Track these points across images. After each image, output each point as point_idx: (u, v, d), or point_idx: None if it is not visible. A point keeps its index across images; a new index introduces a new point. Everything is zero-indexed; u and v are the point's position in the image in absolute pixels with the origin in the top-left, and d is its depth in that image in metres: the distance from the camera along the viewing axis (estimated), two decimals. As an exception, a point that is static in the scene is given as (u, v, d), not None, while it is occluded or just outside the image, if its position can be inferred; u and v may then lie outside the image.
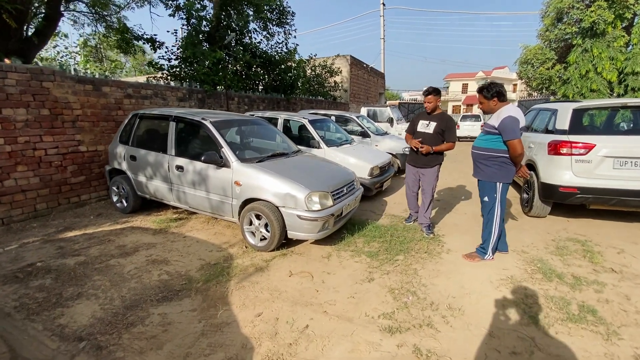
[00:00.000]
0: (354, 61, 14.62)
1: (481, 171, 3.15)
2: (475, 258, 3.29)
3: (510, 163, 3.00)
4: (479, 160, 3.15)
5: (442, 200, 5.62)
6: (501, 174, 3.03)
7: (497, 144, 2.98)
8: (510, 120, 2.84)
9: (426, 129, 3.85)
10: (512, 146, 2.87)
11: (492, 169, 3.05)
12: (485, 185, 3.14)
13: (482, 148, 3.11)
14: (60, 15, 5.78)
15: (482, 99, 3.10)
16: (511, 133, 2.84)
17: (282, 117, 5.97)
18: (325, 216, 3.22)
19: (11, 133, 3.93)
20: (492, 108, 3.06)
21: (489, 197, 3.13)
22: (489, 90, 3.02)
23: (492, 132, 3.00)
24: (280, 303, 2.54)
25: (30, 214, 4.19)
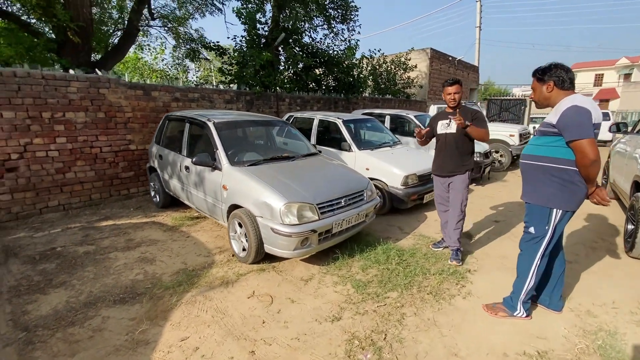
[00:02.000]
0: (435, 54, 13.12)
1: (533, 191, 2.18)
2: (500, 312, 2.35)
3: (578, 180, 2.01)
4: (531, 174, 2.20)
5: (501, 221, 4.40)
6: (562, 197, 2.05)
7: (558, 150, 2.03)
8: (575, 111, 1.89)
9: (447, 129, 3.06)
10: (579, 149, 1.89)
11: (548, 188, 2.08)
12: (535, 210, 2.17)
13: (534, 157, 2.16)
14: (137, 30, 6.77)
15: (535, 84, 2.17)
16: (576, 129, 1.88)
17: (318, 117, 5.61)
18: (302, 232, 2.76)
19: (72, 133, 4.62)
20: (546, 97, 2.12)
21: (537, 229, 2.16)
22: (544, 72, 2.09)
23: (549, 132, 2.05)
24: (215, 329, 2.23)
25: (86, 203, 4.88)
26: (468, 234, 3.94)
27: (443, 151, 3.14)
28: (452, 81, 2.98)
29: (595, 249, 3.52)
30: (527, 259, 2.23)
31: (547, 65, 2.10)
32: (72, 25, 4.72)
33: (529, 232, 2.22)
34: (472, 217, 4.56)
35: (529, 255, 2.22)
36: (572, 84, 2.05)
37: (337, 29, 9.27)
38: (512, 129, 7.80)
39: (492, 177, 7.15)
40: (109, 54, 6.94)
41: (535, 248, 2.18)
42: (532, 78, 2.19)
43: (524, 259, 2.26)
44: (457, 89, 2.97)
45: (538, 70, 2.13)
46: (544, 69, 2.10)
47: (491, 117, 12.09)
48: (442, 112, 3.18)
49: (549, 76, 2.06)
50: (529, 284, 2.22)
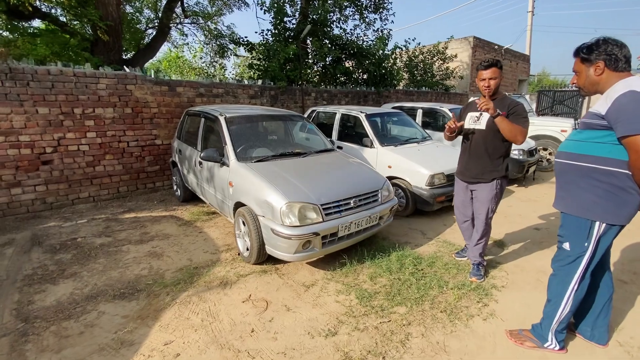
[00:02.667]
0: (478, 43, 12.08)
1: (569, 197, 1.75)
2: (526, 341, 1.97)
3: (631, 186, 1.57)
4: (568, 176, 1.77)
5: (543, 229, 3.84)
6: (608, 207, 1.62)
7: (606, 147, 1.60)
8: (633, 99, 1.46)
9: (476, 123, 2.55)
10: (634, 147, 1.46)
11: (590, 194, 1.66)
12: (571, 222, 1.75)
13: (574, 155, 1.73)
14: (169, 28, 6.97)
15: (578, 65, 1.72)
16: (633, 121, 1.45)
17: (340, 111, 5.34)
18: (303, 234, 2.55)
19: (101, 128, 4.83)
20: (594, 81, 1.66)
21: (573, 246, 1.75)
22: (591, 50, 1.64)
23: (595, 124, 1.63)
24: (201, 335, 2.11)
25: (114, 195, 5.10)
26: (500, 242, 3.47)
27: (468, 151, 2.64)
28: (488, 63, 2.42)
29: None
30: (560, 282, 1.83)
31: (594, 40, 1.66)
32: (101, 24, 4.95)
33: (563, 248, 1.81)
34: (509, 223, 4.04)
35: (563, 277, 1.81)
36: (627, 64, 1.61)
37: (369, 19, 8.84)
38: (565, 124, 6.89)
39: (538, 177, 6.37)
40: (141, 52, 7.26)
41: (571, 269, 1.77)
42: (574, 58, 1.75)
43: (557, 281, 1.86)
44: (493, 72, 2.40)
45: (582, 48, 1.69)
46: (590, 45, 1.66)
47: (542, 111, 10.93)
48: (473, 103, 2.66)
49: (597, 55, 1.62)
50: (563, 311, 1.82)
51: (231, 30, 8.79)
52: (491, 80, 2.43)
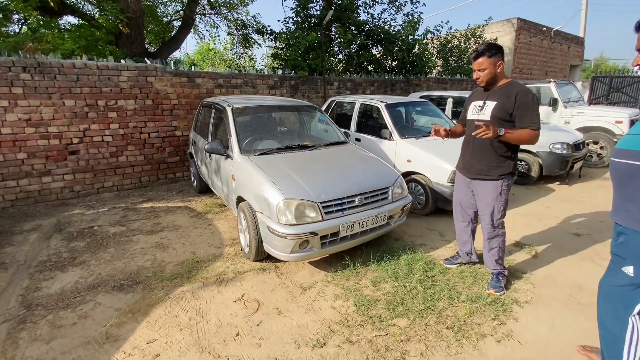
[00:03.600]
0: (523, 25, 10.94)
1: (636, 210, 1.32)
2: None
3: None
4: (633, 183, 1.33)
5: (584, 235, 3.35)
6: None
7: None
8: None
9: (479, 114, 2.26)
10: None
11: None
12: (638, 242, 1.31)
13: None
14: (193, 20, 7.00)
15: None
16: None
17: (360, 101, 5.04)
18: (300, 234, 2.38)
19: (124, 120, 4.96)
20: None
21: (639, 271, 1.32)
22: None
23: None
24: (185, 335, 2.03)
25: (136, 185, 5.26)
26: (530, 248, 3.06)
27: (472, 144, 2.35)
28: (476, 53, 2.18)
29: None
30: (618, 315, 1.38)
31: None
32: (122, 16, 5.05)
33: (624, 272, 1.38)
34: (543, 226, 3.59)
35: (622, 308, 1.36)
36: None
37: (398, 2, 8.31)
38: (620, 114, 6.03)
39: (585, 175, 5.66)
40: (165, 44, 7.41)
41: (633, 298, 1.33)
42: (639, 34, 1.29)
43: (612, 313, 1.42)
44: (481, 64, 2.16)
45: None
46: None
47: (596, 99, 9.76)
48: (478, 90, 2.37)
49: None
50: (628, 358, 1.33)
51: (256, 20, 8.73)
52: (480, 71, 2.20)
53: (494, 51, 2.15)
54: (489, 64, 2.16)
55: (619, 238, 1.41)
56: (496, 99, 2.20)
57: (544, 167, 4.99)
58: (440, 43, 9.87)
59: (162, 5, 7.87)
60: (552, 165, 4.93)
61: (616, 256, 1.43)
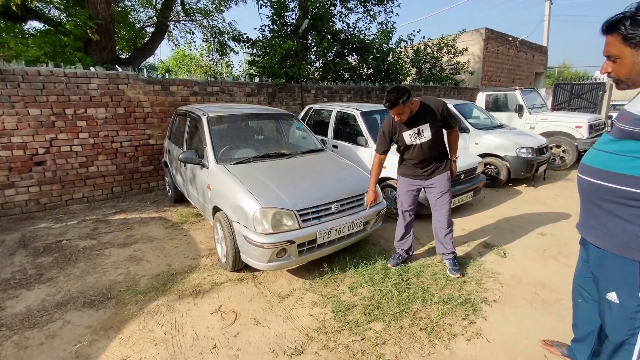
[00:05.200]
0: (491, 35, 11.52)
1: (603, 229, 1.34)
2: None
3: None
4: (600, 202, 1.34)
5: (549, 234, 3.56)
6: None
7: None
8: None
9: (420, 138, 2.58)
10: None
11: (635, 227, 1.23)
12: (617, 265, 1.31)
13: (609, 174, 1.28)
14: (166, 27, 6.90)
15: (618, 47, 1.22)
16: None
17: (337, 109, 5.14)
18: (277, 242, 2.40)
19: (94, 128, 4.80)
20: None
21: (623, 296, 1.30)
22: (637, 23, 1.16)
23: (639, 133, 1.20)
24: (160, 350, 1.99)
25: (108, 195, 5.09)
26: (499, 248, 3.22)
27: (423, 157, 2.68)
28: (389, 104, 2.41)
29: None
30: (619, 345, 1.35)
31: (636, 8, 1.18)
32: (91, 22, 4.91)
33: (610, 301, 1.34)
34: (511, 227, 3.78)
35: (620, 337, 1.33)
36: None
37: (373, 11, 8.54)
38: (580, 119, 6.47)
39: (549, 177, 6.00)
40: (138, 51, 7.25)
41: (629, 326, 1.29)
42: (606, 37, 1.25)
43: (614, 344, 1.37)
44: (399, 110, 2.42)
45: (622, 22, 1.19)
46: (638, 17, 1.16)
47: (558, 106, 10.37)
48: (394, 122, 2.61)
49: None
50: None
51: (232, 27, 8.71)
52: (400, 115, 2.48)
53: (405, 97, 2.36)
54: (406, 108, 2.42)
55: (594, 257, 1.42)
56: (426, 121, 2.54)
57: (511, 170, 5.25)
58: (414, 51, 10.20)
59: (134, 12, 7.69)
60: (518, 169, 5.20)
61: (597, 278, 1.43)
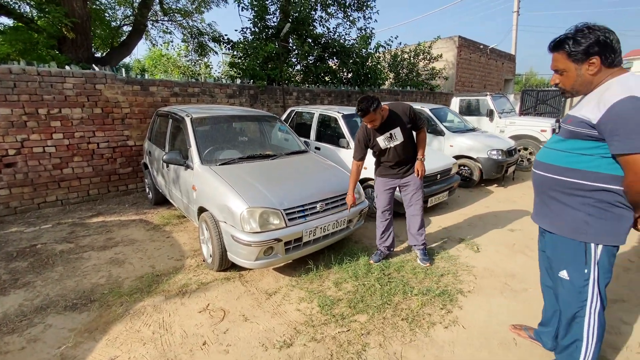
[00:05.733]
0: (464, 42, 12.10)
1: (554, 216, 1.56)
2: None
3: (624, 204, 1.39)
4: (551, 192, 1.56)
5: (518, 230, 3.82)
6: (603, 227, 1.42)
7: (596, 160, 1.39)
8: (634, 107, 1.23)
9: (393, 141, 2.80)
10: (635, 169, 1.26)
11: (581, 213, 1.45)
12: (565, 246, 1.53)
13: (558, 168, 1.50)
14: (145, 26, 6.78)
15: (563, 62, 1.44)
16: (635, 137, 1.23)
17: (319, 111, 5.25)
18: (264, 241, 2.46)
19: (69, 129, 4.65)
20: (587, 81, 1.42)
21: (572, 273, 1.52)
22: (578, 42, 1.37)
23: (585, 134, 1.39)
24: (149, 349, 2.01)
25: (83, 198, 4.93)
26: (473, 244, 3.43)
27: (397, 158, 2.88)
28: (362, 112, 2.58)
29: (629, 270, 2.90)
30: (577, 317, 1.55)
31: (578, 29, 1.38)
32: (66, 20, 4.76)
33: (560, 277, 1.57)
34: (483, 224, 4.02)
35: (573, 310, 1.55)
36: (618, 57, 1.37)
37: (352, 17, 8.76)
38: (544, 124, 6.93)
39: (517, 177, 6.39)
40: (115, 50, 7.05)
41: (579, 300, 1.52)
42: (553, 54, 1.48)
43: (571, 317, 1.57)
44: (370, 118, 2.61)
45: (566, 42, 1.40)
46: (577, 37, 1.37)
47: (525, 111, 11.03)
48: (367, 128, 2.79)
49: (589, 49, 1.35)
50: (588, 351, 1.54)
51: (212, 28, 8.64)
52: (372, 122, 2.67)
53: (375, 105, 2.56)
54: (377, 115, 2.61)
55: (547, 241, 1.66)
56: (396, 125, 2.75)
57: (483, 171, 5.56)
58: (391, 57, 10.53)
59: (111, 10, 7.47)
60: (490, 170, 5.51)
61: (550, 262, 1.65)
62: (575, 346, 1.57)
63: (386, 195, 3.01)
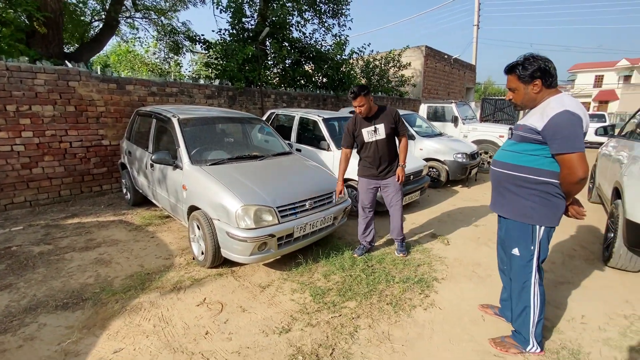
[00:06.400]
0: (430, 52, 12.89)
1: (508, 204, 1.93)
2: (511, 349, 2.01)
3: (559, 194, 1.79)
4: (505, 185, 1.93)
5: (481, 225, 4.27)
6: (544, 212, 1.81)
7: (540, 160, 1.77)
8: (568, 119, 1.62)
9: (375, 135, 3.04)
10: (567, 165, 1.65)
11: (528, 202, 1.84)
12: (516, 229, 1.92)
13: (511, 165, 1.88)
14: (117, 22, 6.58)
15: (515, 83, 1.84)
16: (567, 141, 1.63)
17: (299, 114, 5.45)
18: (259, 237, 2.62)
19: (39, 127, 4.46)
20: (532, 98, 1.82)
21: (522, 250, 1.91)
22: (526, 68, 1.77)
23: (531, 138, 1.77)
24: (153, 340, 2.09)
25: (54, 199, 4.73)
26: (444, 238, 3.80)
27: (378, 156, 3.10)
28: (353, 95, 2.88)
29: (573, 257, 3.38)
30: (525, 286, 1.93)
31: (526, 58, 1.78)
32: (39, 15, 4.56)
33: (513, 254, 1.94)
34: (452, 221, 4.43)
35: (522, 282, 1.93)
36: (555, 80, 1.77)
37: (327, 24, 9.06)
38: (502, 130, 7.64)
39: (479, 178, 7.00)
40: (85, 45, 6.74)
41: (526, 273, 1.90)
42: (507, 76, 1.87)
43: (518, 288, 1.95)
44: (360, 101, 2.88)
45: (516, 67, 1.81)
46: (525, 63, 1.77)
47: (485, 117, 11.95)
48: (358, 118, 3.10)
49: (534, 73, 1.75)
50: (535, 313, 1.92)
51: (187, 27, 8.51)
52: (360, 107, 2.93)
53: (366, 90, 2.87)
54: (366, 100, 2.89)
55: (501, 226, 2.04)
56: (381, 121, 3.01)
57: (449, 173, 6.05)
58: (364, 63, 10.97)
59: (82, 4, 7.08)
60: (455, 171, 6.02)
61: (504, 243, 2.04)
62: (525, 312, 1.95)
63: (369, 195, 3.27)
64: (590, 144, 11.61)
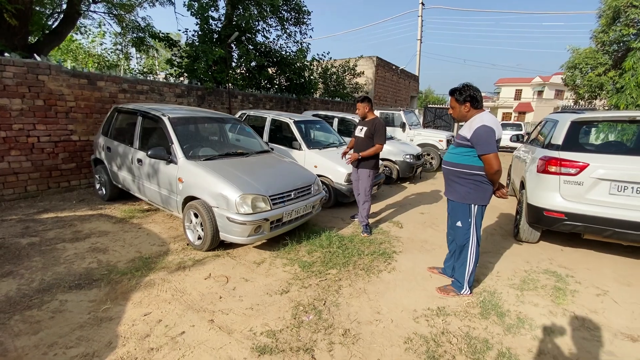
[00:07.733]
0: (380, 62, 14.15)
1: (454, 191, 2.70)
2: (450, 292, 2.82)
3: (487, 182, 2.56)
4: (451, 177, 2.71)
5: (426, 213, 5.20)
6: (476, 195, 2.59)
7: (471, 158, 2.55)
8: (484, 131, 2.41)
9: (360, 133, 4.05)
10: (487, 162, 2.45)
11: (466, 188, 2.61)
12: (458, 207, 2.68)
13: (453, 163, 2.66)
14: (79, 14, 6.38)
15: (454, 103, 2.65)
16: (485, 146, 2.41)
17: (271, 116, 5.94)
18: (256, 220, 3.12)
19: (6, 120, 4.35)
20: (464, 115, 2.61)
21: (463, 222, 2.67)
22: (461, 93, 2.57)
23: (464, 144, 2.55)
24: (175, 305, 2.50)
25: (20, 194, 4.62)
26: (399, 223, 4.62)
27: (356, 148, 4.09)
28: (360, 99, 3.96)
29: (493, 235, 4.41)
30: (464, 248, 2.70)
31: (462, 87, 2.58)
32: (9, 6, 4.40)
33: (457, 226, 2.71)
34: (404, 211, 5.30)
35: (465, 244, 2.69)
36: (480, 103, 2.58)
37: (290, 31, 9.61)
38: (441, 135, 8.91)
39: (424, 176, 8.13)
40: (46, 38, 6.38)
41: (467, 238, 2.68)
42: (450, 97, 2.69)
43: (462, 248, 2.72)
44: (359, 106, 4.03)
45: (455, 91, 2.61)
46: (461, 90, 2.57)
47: (427, 124, 13.48)
48: (360, 120, 4.13)
49: (465, 97, 2.55)
50: (469, 267, 2.72)
51: (147, 22, 8.38)
52: (358, 110, 4.08)
53: (365, 101, 4.01)
54: (362, 107, 4.01)
55: (449, 206, 2.82)
56: (367, 125, 3.99)
57: (400, 171, 7.01)
58: (322, 69, 11.71)
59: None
60: (405, 170, 7.00)
61: (452, 219, 2.81)
62: (463, 267, 2.75)
63: (355, 182, 4.18)
64: (506, 149, 13.73)
